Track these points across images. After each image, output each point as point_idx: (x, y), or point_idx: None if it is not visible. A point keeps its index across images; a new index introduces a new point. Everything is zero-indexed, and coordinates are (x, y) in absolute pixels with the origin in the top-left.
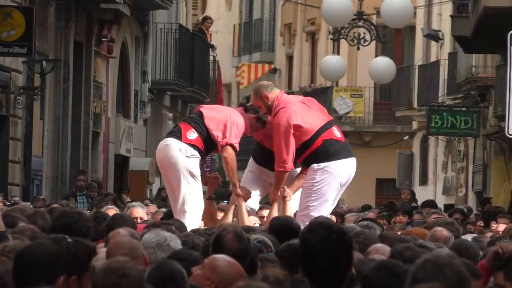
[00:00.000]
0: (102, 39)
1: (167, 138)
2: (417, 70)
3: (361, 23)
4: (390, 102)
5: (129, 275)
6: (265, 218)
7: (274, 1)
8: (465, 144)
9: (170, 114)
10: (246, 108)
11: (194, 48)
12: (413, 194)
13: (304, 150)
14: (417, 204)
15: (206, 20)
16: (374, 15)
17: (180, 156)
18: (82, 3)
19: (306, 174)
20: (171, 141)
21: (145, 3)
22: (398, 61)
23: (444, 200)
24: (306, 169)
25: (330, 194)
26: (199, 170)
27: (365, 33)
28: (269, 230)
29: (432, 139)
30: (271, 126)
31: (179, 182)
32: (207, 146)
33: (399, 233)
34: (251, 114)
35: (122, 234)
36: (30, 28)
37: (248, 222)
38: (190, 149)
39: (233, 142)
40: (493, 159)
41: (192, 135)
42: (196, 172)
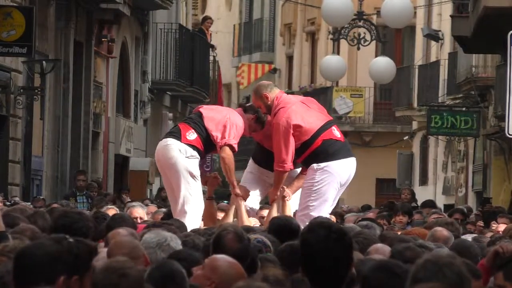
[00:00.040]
0: (102, 39)
1: (167, 139)
2: (417, 70)
3: (361, 23)
4: (390, 102)
5: (129, 275)
6: (264, 218)
7: (274, 1)
8: (465, 144)
9: (170, 114)
10: (245, 108)
11: (194, 48)
12: (413, 194)
13: (303, 150)
14: (417, 204)
15: (206, 20)
16: (374, 15)
17: (179, 156)
18: (82, 3)
19: (305, 174)
20: (171, 141)
21: (145, 3)
22: (398, 61)
23: (444, 200)
24: (306, 169)
25: (329, 194)
26: (199, 171)
27: (365, 33)
28: (268, 230)
29: (432, 139)
30: (271, 126)
31: (179, 182)
32: (206, 146)
33: (399, 233)
34: (250, 115)
35: (122, 234)
36: (30, 28)
37: (247, 222)
38: (190, 149)
39: (231, 142)
40: (493, 159)
41: (191, 136)
42: (196, 172)
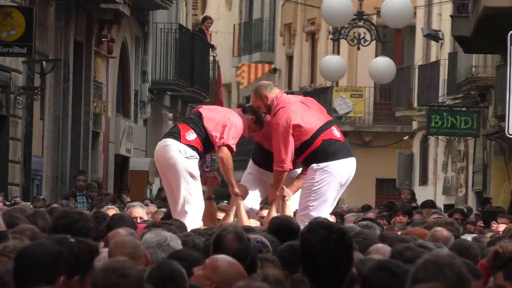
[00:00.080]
0: (102, 39)
1: (166, 139)
2: (417, 70)
3: (361, 23)
4: (390, 102)
5: (128, 275)
6: (264, 218)
7: (274, 1)
8: (465, 144)
9: (170, 114)
10: (244, 109)
11: (194, 48)
12: (413, 194)
13: (303, 150)
14: (417, 204)
15: (206, 20)
16: (374, 15)
17: (179, 157)
18: (82, 3)
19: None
20: (170, 142)
21: (145, 3)
22: (398, 61)
23: (444, 200)
24: (306, 169)
25: (329, 194)
26: (199, 171)
27: (365, 33)
28: (268, 230)
29: (432, 139)
30: (271, 126)
31: (179, 183)
32: (206, 147)
33: (399, 233)
34: (249, 115)
35: (121, 234)
36: (30, 28)
37: (246, 221)
38: (189, 150)
39: (229, 143)
40: (493, 159)
41: (191, 136)
42: (195, 172)
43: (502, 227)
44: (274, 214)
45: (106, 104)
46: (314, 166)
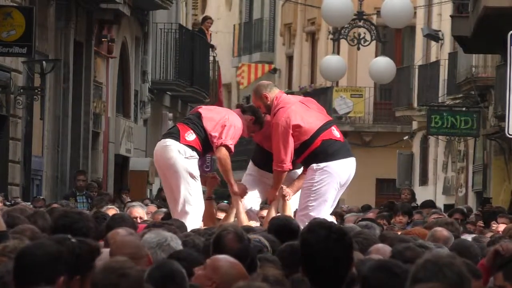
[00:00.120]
0: (102, 39)
1: (166, 139)
2: (417, 70)
3: (361, 23)
4: (390, 102)
5: (128, 275)
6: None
7: (274, 1)
8: (465, 144)
9: (170, 114)
10: (243, 109)
11: (194, 48)
12: (413, 194)
13: (303, 150)
14: (417, 204)
15: (206, 20)
16: (374, 15)
17: (179, 157)
18: (82, 3)
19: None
20: (170, 142)
21: (145, 3)
22: (398, 61)
23: (444, 200)
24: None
25: (329, 194)
26: (198, 171)
27: (365, 33)
28: (268, 230)
29: (432, 139)
30: (270, 126)
31: (179, 183)
32: (205, 147)
33: (399, 233)
34: (248, 116)
35: (121, 234)
36: (30, 28)
37: (245, 220)
38: (189, 150)
39: (227, 143)
40: (493, 159)
41: (190, 137)
42: (195, 172)
43: (502, 227)
44: (274, 214)
45: (106, 104)
46: (314, 166)
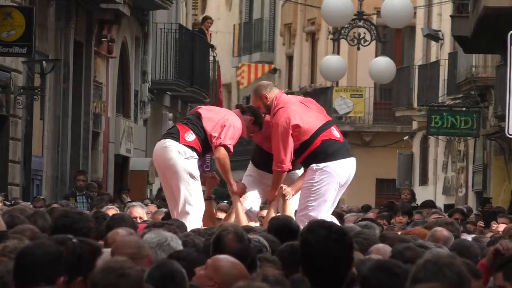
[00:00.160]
0: (102, 39)
1: (165, 140)
2: (417, 70)
3: (361, 23)
4: (390, 102)
5: (128, 275)
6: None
7: (274, 1)
8: (465, 144)
9: (170, 114)
10: (243, 110)
11: (194, 48)
12: (413, 194)
13: (303, 150)
14: (417, 204)
15: (206, 20)
16: (374, 15)
17: (179, 158)
18: (82, 3)
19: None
20: (170, 142)
21: (145, 3)
22: (398, 61)
23: (444, 200)
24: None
25: (329, 194)
26: (198, 171)
27: (365, 33)
28: (268, 230)
29: (432, 139)
30: (270, 126)
31: (179, 183)
32: (205, 147)
33: (399, 233)
34: (248, 116)
35: (121, 234)
36: (30, 28)
37: (244, 219)
38: (189, 150)
39: (226, 143)
40: (493, 159)
41: (190, 137)
42: (195, 173)
43: (502, 227)
44: (273, 214)
45: (106, 104)
46: (314, 166)
